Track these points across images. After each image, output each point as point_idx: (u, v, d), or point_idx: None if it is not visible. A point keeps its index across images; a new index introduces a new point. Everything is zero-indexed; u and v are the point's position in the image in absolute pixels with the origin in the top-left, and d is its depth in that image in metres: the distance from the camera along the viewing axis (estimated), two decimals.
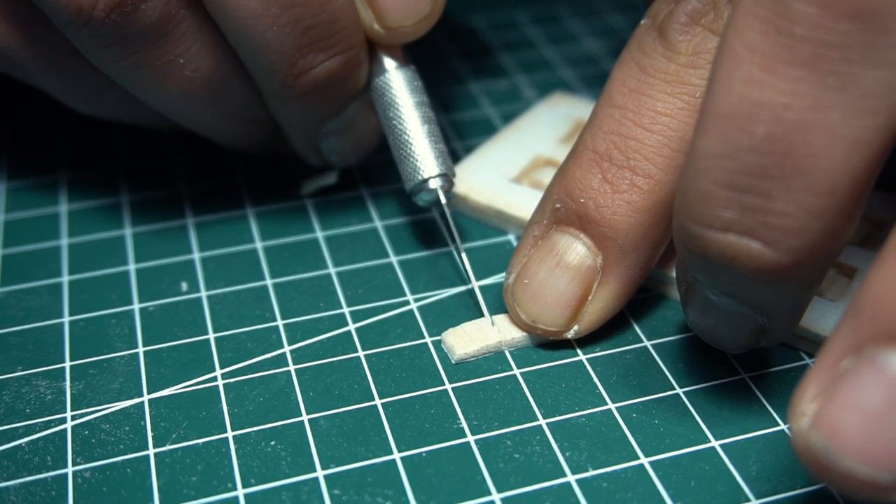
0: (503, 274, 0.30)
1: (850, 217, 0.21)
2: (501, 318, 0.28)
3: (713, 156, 0.21)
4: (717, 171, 0.21)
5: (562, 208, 0.27)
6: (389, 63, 0.30)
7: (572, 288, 0.26)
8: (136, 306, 0.29)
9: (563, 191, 0.27)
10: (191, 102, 0.29)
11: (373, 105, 0.30)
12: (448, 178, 0.29)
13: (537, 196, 0.31)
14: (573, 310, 0.26)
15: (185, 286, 0.30)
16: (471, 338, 0.27)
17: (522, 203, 0.31)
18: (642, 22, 0.27)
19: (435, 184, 0.29)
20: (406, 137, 0.29)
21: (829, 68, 0.19)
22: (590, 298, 0.26)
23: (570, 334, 0.27)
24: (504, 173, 0.33)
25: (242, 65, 0.29)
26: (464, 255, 0.29)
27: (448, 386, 0.26)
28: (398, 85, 0.30)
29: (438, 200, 0.29)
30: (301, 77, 0.28)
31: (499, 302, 0.29)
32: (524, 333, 0.27)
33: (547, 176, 0.33)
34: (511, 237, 0.32)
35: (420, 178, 0.29)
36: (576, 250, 0.26)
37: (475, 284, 0.28)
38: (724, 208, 0.21)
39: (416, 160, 0.29)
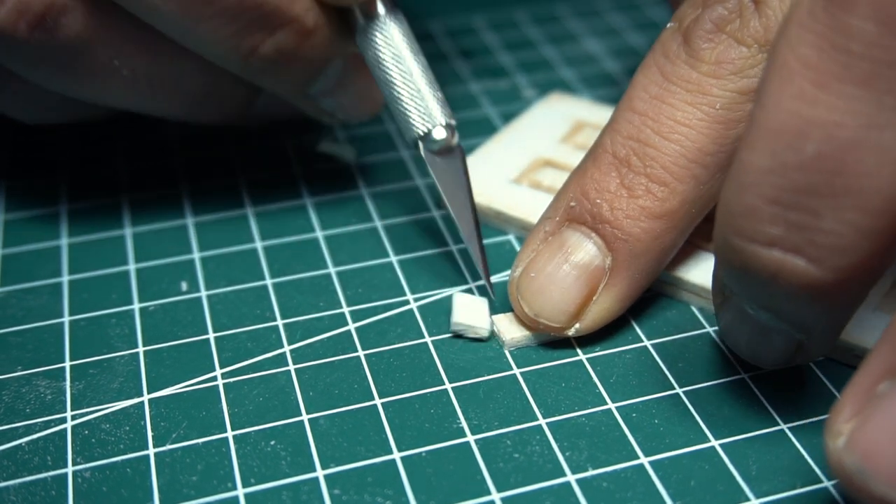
0: (504, 273, 0.30)
1: None
2: (501, 318, 0.28)
3: (760, 170, 0.20)
4: (764, 186, 0.20)
5: (576, 207, 0.27)
6: (368, 16, 0.29)
7: (578, 285, 0.26)
8: (136, 306, 0.29)
9: (580, 190, 0.27)
10: (139, 97, 0.29)
11: (361, 59, 0.30)
12: (451, 127, 0.29)
13: (538, 196, 0.32)
14: (577, 307, 0.26)
15: (185, 286, 0.30)
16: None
17: (523, 204, 0.31)
18: (668, 25, 0.27)
19: (438, 134, 0.28)
20: (399, 90, 0.28)
21: (885, 87, 0.19)
22: (594, 298, 0.26)
23: (571, 332, 0.27)
24: (504, 174, 0.33)
25: (184, 51, 0.28)
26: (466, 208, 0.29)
27: (448, 386, 0.26)
28: (381, 37, 0.28)
29: (446, 148, 0.28)
30: (251, 57, 0.28)
31: (500, 301, 0.29)
32: (525, 333, 0.27)
33: (547, 176, 0.33)
34: (511, 237, 0.32)
35: (420, 130, 0.28)
36: (586, 248, 0.26)
37: (476, 249, 0.29)
38: (769, 223, 0.20)
39: (414, 112, 0.28)
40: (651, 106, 0.26)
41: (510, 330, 0.27)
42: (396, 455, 0.24)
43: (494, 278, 0.30)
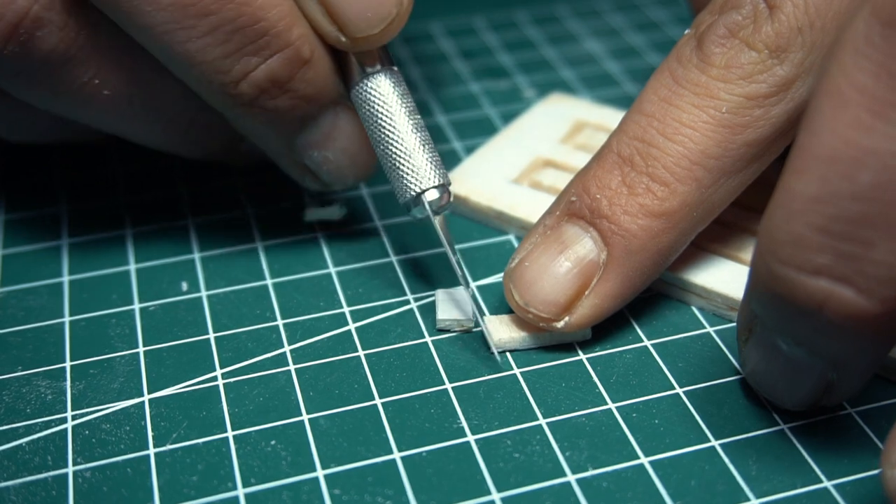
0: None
1: None
2: (492, 319, 0.28)
3: (809, 199, 0.20)
4: (813, 215, 0.20)
5: (576, 201, 0.27)
6: (367, 69, 0.28)
7: (570, 277, 0.26)
8: (137, 306, 0.29)
9: (582, 186, 0.27)
10: (119, 119, 0.29)
11: (356, 114, 0.29)
12: (445, 188, 0.28)
13: (538, 197, 0.32)
14: (568, 299, 0.26)
15: (185, 286, 0.30)
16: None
17: (523, 204, 0.32)
18: (686, 32, 0.27)
19: (431, 196, 0.27)
20: (394, 149, 0.27)
21: None
22: (587, 293, 0.26)
23: (560, 324, 0.26)
24: (504, 175, 0.33)
25: (168, 74, 0.28)
26: (466, 274, 0.28)
27: (448, 385, 0.26)
28: (379, 92, 0.28)
29: (433, 214, 0.27)
30: (240, 84, 0.27)
31: (501, 302, 0.29)
32: (513, 335, 0.27)
33: (547, 176, 0.33)
34: (512, 237, 0.32)
35: (413, 192, 0.27)
36: (582, 242, 0.26)
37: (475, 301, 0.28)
38: (817, 252, 0.20)
39: (408, 173, 0.27)
40: (658, 108, 0.26)
41: (498, 331, 0.27)
42: (397, 455, 0.24)
43: (495, 278, 0.30)
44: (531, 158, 0.34)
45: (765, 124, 0.26)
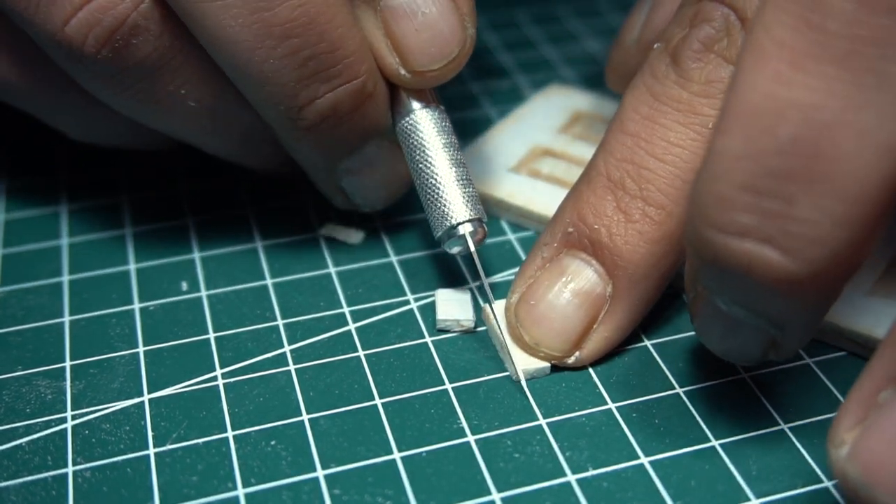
0: (504, 273, 0.30)
1: (874, 227, 0.20)
2: (518, 353, 0.27)
3: (733, 157, 0.20)
4: (737, 173, 0.20)
5: (574, 232, 0.26)
6: (415, 104, 0.28)
7: (580, 314, 0.26)
8: (137, 306, 0.29)
9: (577, 215, 0.26)
10: (199, 130, 0.29)
11: (398, 146, 0.29)
12: (480, 222, 0.27)
13: (536, 185, 0.32)
14: (579, 336, 0.26)
15: (185, 286, 0.30)
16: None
17: (522, 192, 0.32)
18: (655, 46, 0.27)
19: (464, 229, 0.27)
20: (433, 182, 0.28)
21: (865, 66, 0.18)
22: (595, 326, 0.26)
23: (570, 360, 0.26)
24: (503, 163, 0.33)
25: None
26: (496, 307, 0.27)
27: (448, 386, 0.26)
28: (424, 126, 0.28)
29: (468, 248, 0.27)
30: (305, 109, 0.27)
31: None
32: (539, 365, 0.26)
33: (545, 165, 0.33)
34: (511, 238, 0.32)
35: (448, 224, 0.27)
36: (586, 276, 0.26)
37: (504, 333, 0.27)
38: (741, 212, 0.20)
39: (445, 206, 0.27)
40: (643, 127, 0.26)
41: (525, 361, 0.26)
42: (397, 455, 0.24)
43: (495, 278, 0.30)
44: (530, 147, 0.34)
45: None
